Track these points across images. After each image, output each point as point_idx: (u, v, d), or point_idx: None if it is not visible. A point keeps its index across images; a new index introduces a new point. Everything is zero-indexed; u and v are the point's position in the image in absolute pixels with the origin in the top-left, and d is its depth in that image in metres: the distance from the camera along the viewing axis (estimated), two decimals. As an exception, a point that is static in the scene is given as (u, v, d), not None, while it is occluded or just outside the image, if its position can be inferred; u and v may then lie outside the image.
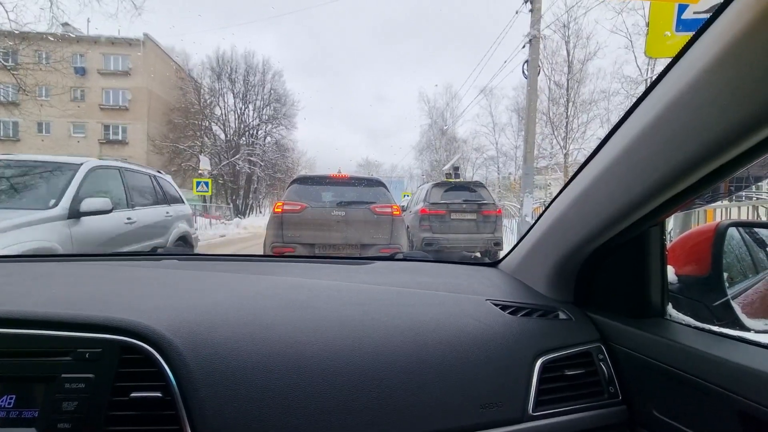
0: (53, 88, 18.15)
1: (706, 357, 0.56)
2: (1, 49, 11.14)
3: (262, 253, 4.66)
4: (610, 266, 0.76)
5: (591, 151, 0.67)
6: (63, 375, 0.51)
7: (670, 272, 0.76)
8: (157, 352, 0.53)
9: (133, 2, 9.78)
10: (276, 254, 4.26)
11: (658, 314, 0.72)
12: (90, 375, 0.51)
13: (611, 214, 0.63)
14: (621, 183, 0.60)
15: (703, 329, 0.64)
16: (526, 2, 8.36)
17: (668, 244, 0.76)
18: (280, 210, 4.47)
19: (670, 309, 0.72)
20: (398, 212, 4.72)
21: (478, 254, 8.29)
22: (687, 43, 0.47)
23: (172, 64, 30.08)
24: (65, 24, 16.07)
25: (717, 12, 0.43)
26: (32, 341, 0.53)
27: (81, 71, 26.88)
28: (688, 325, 0.67)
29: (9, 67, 10.67)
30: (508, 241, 9.39)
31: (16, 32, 9.88)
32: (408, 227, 6.80)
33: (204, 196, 18.16)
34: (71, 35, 21.88)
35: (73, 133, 28.02)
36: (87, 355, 0.52)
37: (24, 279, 0.77)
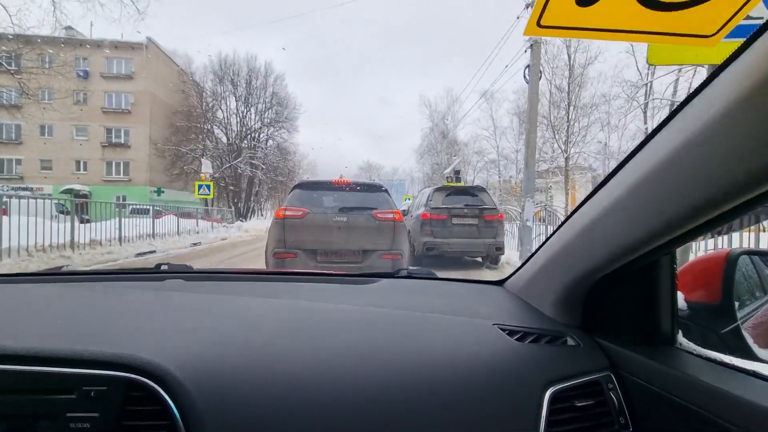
0: (56, 92, 18.23)
1: (717, 391, 0.55)
2: (5, 52, 11.20)
3: (264, 257, 4.65)
4: (619, 291, 0.76)
5: (592, 154, 0.65)
6: (68, 414, 0.50)
7: (680, 298, 0.75)
8: (163, 389, 0.52)
9: (136, 6, 9.84)
10: (278, 257, 4.25)
11: (668, 342, 0.71)
12: (95, 414, 0.50)
13: (622, 246, 0.62)
14: (634, 216, 0.58)
15: (714, 360, 0.63)
16: (527, 7, 8.38)
17: (677, 269, 0.75)
18: (282, 216, 4.47)
19: (680, 337, 0.71)
20: (400, 218, 4.72)
21: (479, 259, 8.28)
22: (714, 71, 0.46)
23: (175, 67, 30.20)
24: (68, 28, 16.15)
25: (749, 40, 0.42)
26: (36, 378, 0.52)
27: (84, 74, 27.01)
28: (699, 356, 0.66)
29: (12, 71, 10.72)
30: (510, 245, 9.37)
31: (20, 36, 9.93)
32: (409, 231, 6.79)
33: (206, 199, 18.18)
34: (74, 39, 21.99)
35: (76, 136, 28.13)
36: (92, 393, 0.51)
37: (26, 306, 0.76)
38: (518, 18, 8.77)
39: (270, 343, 0.64)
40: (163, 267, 1.15)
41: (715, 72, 0.46)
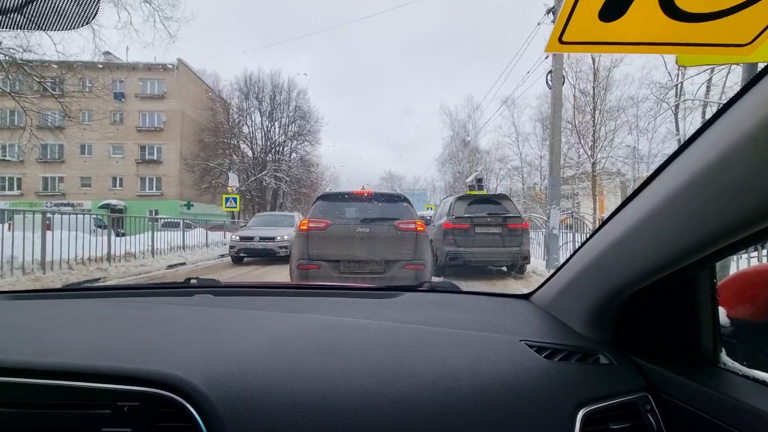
0: (95, 113, 19.38)
1: (766, 416, 0.51)
2: (50, 78, 12.02)
3: (288, 268, 4.71)
4: (654, 306, 0.72)
5: (620, 159, 0.62)
6: (103, 429, 0.52)
7: (722, 314, 0.71)
8: (193, 406, 0.54)
9: (168, 31, 10.40)
10: (302, 268, 4.30)
11: (710, 361, 0.66)
12: (128, 429, 0.52)
13: (660, 259, 0.59)
14: (673, 228, 0.55)
15: (762, 382, 0.59)
16: (548, 13, 8.28)
17: (717, 282, 0.71)
18: (305, 227, 4.53)
19: (724, 356, 0.66)
20: (422, 228, 4.70)
21: (504, 268, 8.09)
22: (762, 70, 0.43)
23: (203, 86, 31.58)
24: (106, 53, 17.22)
25: None
26: (76, 393, 0.55)
27: (120, 96, 28.60)
28: (745, 376, 0.62)
29: (56, 95, 11.49)
30: (536, 254, 9.11)
31: (63, 62, 10.66)
32: (432, 241, 6.74)
33: (233, 211, 18.70)
34: (112, 63, 23.38)
35: (113, 154, 29.73)
36: (126, 409, 0.53)
37: (65, 321, 0.80)
38: (539, 24, 8.68)
39: (295, 360, 0.65)
40: (192, 281, 1.18)
41: (765, 69, 0.42)
